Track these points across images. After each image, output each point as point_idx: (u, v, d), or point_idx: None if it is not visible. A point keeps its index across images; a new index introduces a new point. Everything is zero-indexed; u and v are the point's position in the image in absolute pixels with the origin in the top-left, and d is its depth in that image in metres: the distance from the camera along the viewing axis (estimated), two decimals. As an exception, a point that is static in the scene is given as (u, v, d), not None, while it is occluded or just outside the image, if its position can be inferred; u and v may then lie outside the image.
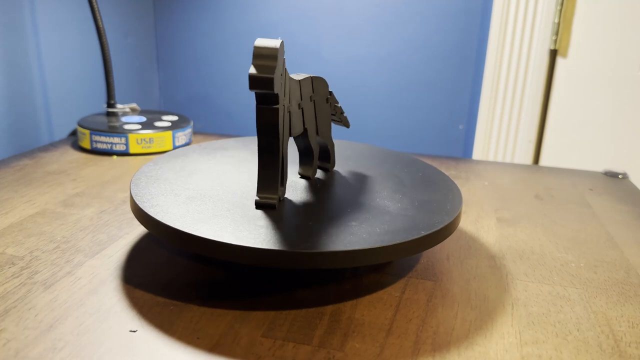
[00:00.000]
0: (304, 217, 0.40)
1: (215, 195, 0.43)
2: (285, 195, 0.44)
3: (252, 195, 0.43)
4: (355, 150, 0.57)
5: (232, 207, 0.41)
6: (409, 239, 0.37)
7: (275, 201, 0.41)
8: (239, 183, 0.46)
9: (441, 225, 0.39)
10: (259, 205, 0.41)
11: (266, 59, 0.36)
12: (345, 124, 0.52)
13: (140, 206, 0.40)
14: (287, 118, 0.41)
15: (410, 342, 0.34)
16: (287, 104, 0.41)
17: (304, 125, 0.45)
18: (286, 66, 1.01)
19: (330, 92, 0.48)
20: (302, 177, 0.48)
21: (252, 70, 0.36)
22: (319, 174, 0.49)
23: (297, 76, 0.44)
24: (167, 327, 0.35)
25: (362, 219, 0.40)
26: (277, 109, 0.38)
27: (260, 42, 0.36)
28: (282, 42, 0.37)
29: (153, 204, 0.40)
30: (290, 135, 0.43)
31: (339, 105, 0.50)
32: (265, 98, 0.38)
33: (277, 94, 0.37)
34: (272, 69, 0.36)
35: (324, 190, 0.46)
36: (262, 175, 0.41)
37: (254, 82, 0.36)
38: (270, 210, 0.40)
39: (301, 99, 0.44)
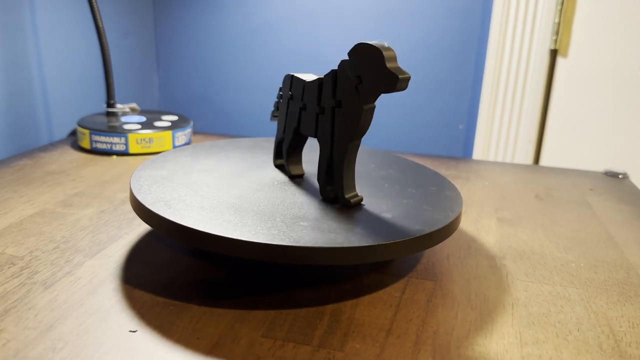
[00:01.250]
0: (304, 214, 0.40)
1: (216, 191, 0.43)
2: (285, 193, 0.44)
3: (251, 191, 0.43)
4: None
5: (233, 203, 0.41)
6: (410, 237, 0.37)
7: (361, 197, 0.43)
8: (239, 181, 0.46)
9: (442, 225, 0.39)
10: (354, 204, 0.43)
11: (393, 61, 0.38)
12: None
13: (141, 201, 0.40)
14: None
15: (411, 342, 0.34)
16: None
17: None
18: (286, 66, 1.02)
19: None
20: (296, 176, 0.48)
21: (396, 73, 0.37)
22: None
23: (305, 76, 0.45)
24: (166, 327, 0.35)
25: (362, 218, 0.40)
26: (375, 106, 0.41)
27: (382, 45, 0.38)
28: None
29: (153, 199, 0.40)
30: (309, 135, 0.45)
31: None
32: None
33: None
34: (401, 69, 0.37)
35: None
36: (348, 175, 0.42)
37: (402, 83, 0.37)
38: (271, 205, 0.40)
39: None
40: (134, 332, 0.34)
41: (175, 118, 0.81)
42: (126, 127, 0.74)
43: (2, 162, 0.66)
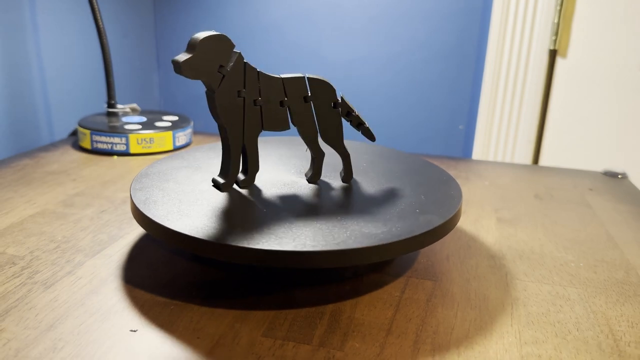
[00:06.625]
0: (301, 217, 0.40)
1: (213, 195, 0.43)
2: (285, 196, 0.44)
3: (250, 196, 0.43)
4: (354, 149, 0.57)
5: (231, 208, 0.41)
6: (407, 237, 0.37)
7: (221, 183, 0.44)
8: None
9: (440, 222, 0.39)
10: (213, 183, 0.45)
11: (190, 48, 0.40)
12: (368, 136, 0.48)
13: (140, 209, 0.40)
14: (256, 111, 0.44)
15: (410, 341, 0.35)
16: (256, 98, 0.43)
17: (294, 125, 0.45)
18: (286, 66, 1.02)
19: (341, 98, 0.47)
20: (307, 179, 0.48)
21: (177, 56, 0.40)
22: (329, 178, 0.49)
23: (285, 75, 0.44)
24: (167, 327, 0.35)
25: (358, 218, 0.40)
26: (213, 97, 0.42)
27: (196, 34, 0.40)
28: (216, 36, 0.40)
29: (152, 206, 0.40)
30: (263, 129, 0.45)
31: (355, 114, 0.47)
32: (206, 85, 0.42)
33: (206, 81, 0.41)
34: (188, 57, 0.40)
35: (323, 190, 0.46)
36: (222, 158, 0.45)
37: (173, 66, 0.40)
38: (271, 210, 0.41)
39: (286, 97, 0.44)
40: (134, 331, 0.34)
41: (175, 118, 0.81)
42: (127, 127, 0.74)
43: (3, 162, 0.66)
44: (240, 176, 0.45)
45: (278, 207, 0.41)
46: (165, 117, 0.81)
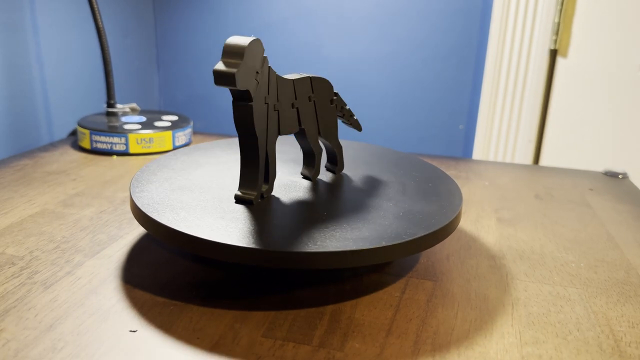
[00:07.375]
0: (302, 217, 0.40)
1: (214, 195, 0.43)
2: (285, 195, 0.44)
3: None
4: (354, 149, 0.57)
5: (231, 208, 0.41)
6: (407, 239, 0.37)
7: (252, 197, 0.42)
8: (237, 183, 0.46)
9: (440, 226, 0.39)
10: (238, 200, 0.42)
11: (233, 56, 0.37)
12: (356, 126, 0.52)
13: (140, 207, 0.40)
14: (275, 117, 0.42)
15: (411, 342, 0.34)
16: (275, 103, 0.42)
17: (300, 125, 0.45)
18: (286, 66, 1.02)
19: (336, 94, 0.48)
20: (304, 177, 0.48)
21: (218, 66, 0.37)
22: (326, 176, 0.49)
23: (292, 76, 0.44)
24: (167, 327, 0.35)
25: (360, 219, 0.40)
26: (251, 106, 0.39)
27: (231, 39, 0.37)
28: (256, 40, 0.38)
29: (152, 204, 0.40)
30: (279, 134, 0.43)
31: (347, 107, 0.50)
32: (240, 95, 0.39)
33: (248, 90, 0.38)
34: (237, 65, 0.37)
35: (324, 190, 0.45)
36: (243, 171, 0.42)
37: (218, 77, 0.37)
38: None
39: (296, 99, 0.44)
40: (134, 332, 0.34)
41: (175, 118, 0.81)
42: (126, 127, 0.74)
43: (3, 162, 0.66)
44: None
45: (279, 207, 0.41)
46: (164, 117, 0.81)
